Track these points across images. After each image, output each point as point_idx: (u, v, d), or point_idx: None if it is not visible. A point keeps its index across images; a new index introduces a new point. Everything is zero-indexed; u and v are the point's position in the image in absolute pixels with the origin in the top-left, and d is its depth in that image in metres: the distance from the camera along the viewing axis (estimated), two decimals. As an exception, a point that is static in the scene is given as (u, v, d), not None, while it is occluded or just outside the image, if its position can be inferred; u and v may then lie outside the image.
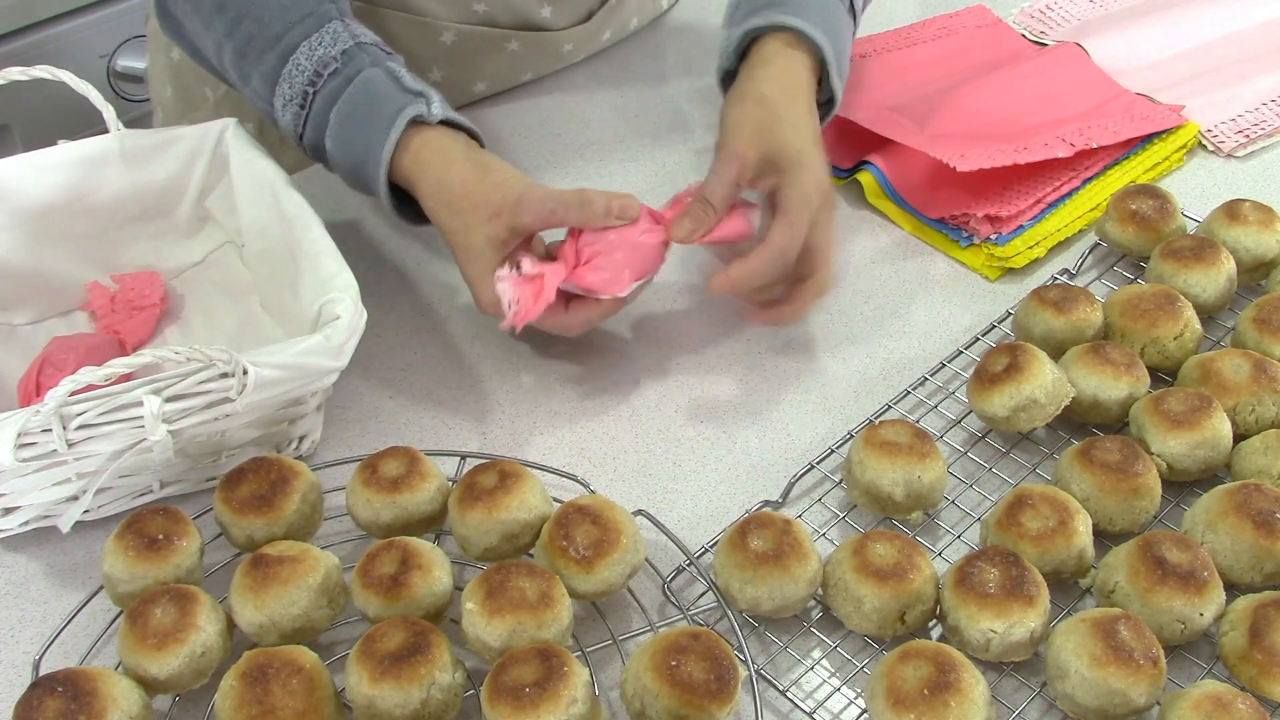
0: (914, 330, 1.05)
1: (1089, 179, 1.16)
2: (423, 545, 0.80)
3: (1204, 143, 1.22)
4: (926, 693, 0.72)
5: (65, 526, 0.84)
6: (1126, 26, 1.34)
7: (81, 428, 0.78)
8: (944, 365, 1.00)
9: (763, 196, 0.98)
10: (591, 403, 0.98)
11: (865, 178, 1.15)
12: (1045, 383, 0.90)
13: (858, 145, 1.17)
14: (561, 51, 1.28)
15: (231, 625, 0.79)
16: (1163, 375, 0.98)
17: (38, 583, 0.86)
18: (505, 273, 0.92)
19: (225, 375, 0.80)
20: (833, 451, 0.93)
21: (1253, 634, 0.76)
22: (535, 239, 0.96)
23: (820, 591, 0.82)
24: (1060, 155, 1.14)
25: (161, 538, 0.79)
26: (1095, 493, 0.85)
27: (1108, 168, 1.17)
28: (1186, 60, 1.31)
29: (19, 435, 0.76)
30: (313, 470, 0.86)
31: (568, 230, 0.94)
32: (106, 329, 1.00)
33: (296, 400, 0.88)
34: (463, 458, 0.91)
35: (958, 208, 1.11)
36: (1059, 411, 0.91)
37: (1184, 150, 1.21)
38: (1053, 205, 1.13)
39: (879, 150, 1.16)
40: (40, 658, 0.80)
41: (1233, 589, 0.82)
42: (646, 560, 0.84)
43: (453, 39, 1.19)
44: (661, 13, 1.39)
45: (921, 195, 1.13)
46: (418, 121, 0.94)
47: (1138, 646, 0.74)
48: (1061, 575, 0.82)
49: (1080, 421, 0.94)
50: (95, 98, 0.97)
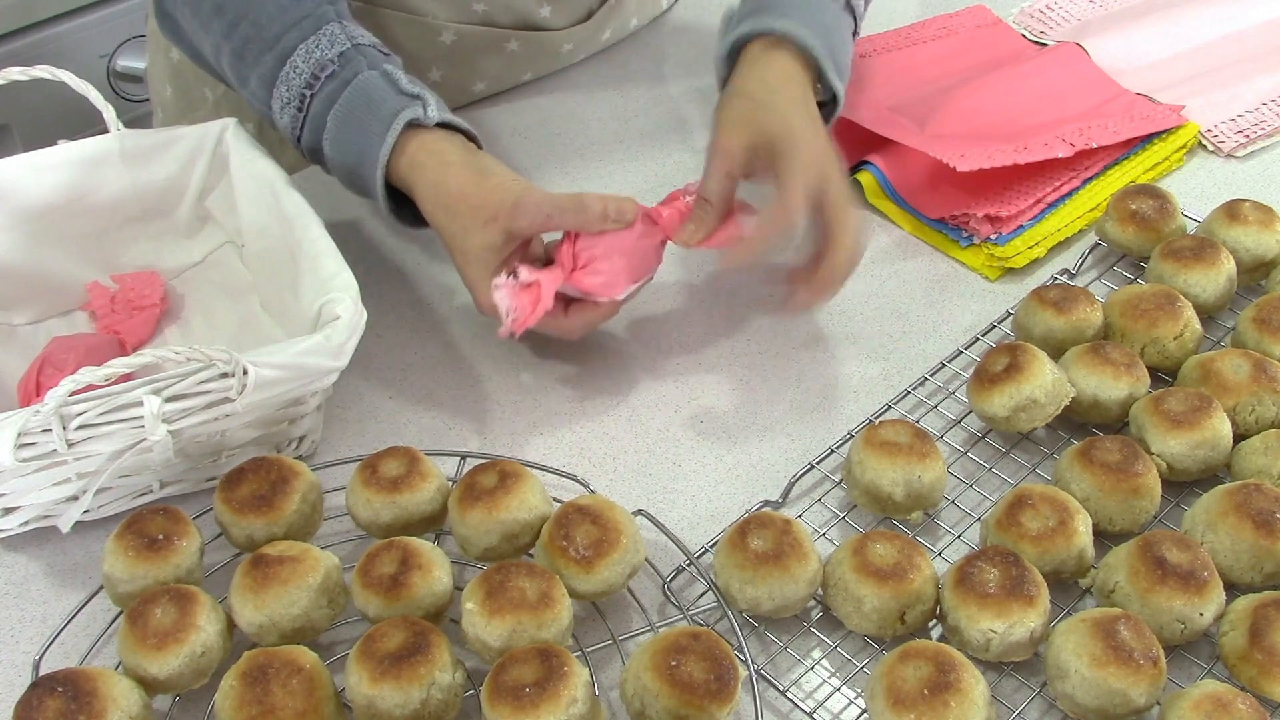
0: (914, 330, 1.04)
1: (1089, 179, 1.16)
2: (423, 545, 0.80)
3: (1204, 143, 1.22)
4: (926, 693, 0.72)
5: (65, 526, 0.84)
6: (1126, 26, 1.34)
7: (81, 428, 0.78)
8: (944, 365, 1.00)
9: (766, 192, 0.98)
10: (591, 403, 0.98)
11: (865, 178, 1.15)
12: (1045, 383, 0.90)
13: (858, 145, 1.17)
14: (561, 51, 1.28)
15: (231, 625, 0.79)
16: (1163, 375, 0.98)
17: (38, 583, 0.86)
18: (502, 280, 0.91)
19: (225, 375, 0.80)
20: (833, 451, 0.93)
21: (1253, 634, 0.76)
22: (534, 240, 0.96)
23: (820, 591, 0.82)
24: (1060, 155, 1.14)
25: (161, 538, 0.79)
26: (1095, 493, 0.85)
27: (1108, 168, 1.17)
28: (1186, 60, 1.31)
29: (19, 435, 0.76)
30: (313, 470, 0.86)
31: (564, 232, 0.94)
32: (106, 329, 1.00)
33: (296, 400, 0.88)
34: (463, 458, 0.91)
35: (958, 208, 1.11)
36: (1059, 411, 0.91)
37: (1184, 150, 1.21)
38: (1053, 205, 1.13)
39: (879, 150, 1.16)
40: (40, 658, 0.80)
41: (1233, 589, 0.82)
42: (646, 560, 0.84)
43: (452, 39, 1.19)
44: (661, 13, 1.39)
45: (921, 195, 1.13)
46: (414, 124, 0.94)
47: (1138, 646, 0.74)
48: (1061, 575, 0.82)
49: (1080, 421, 0.94)
50: (95, 98, 0.97)
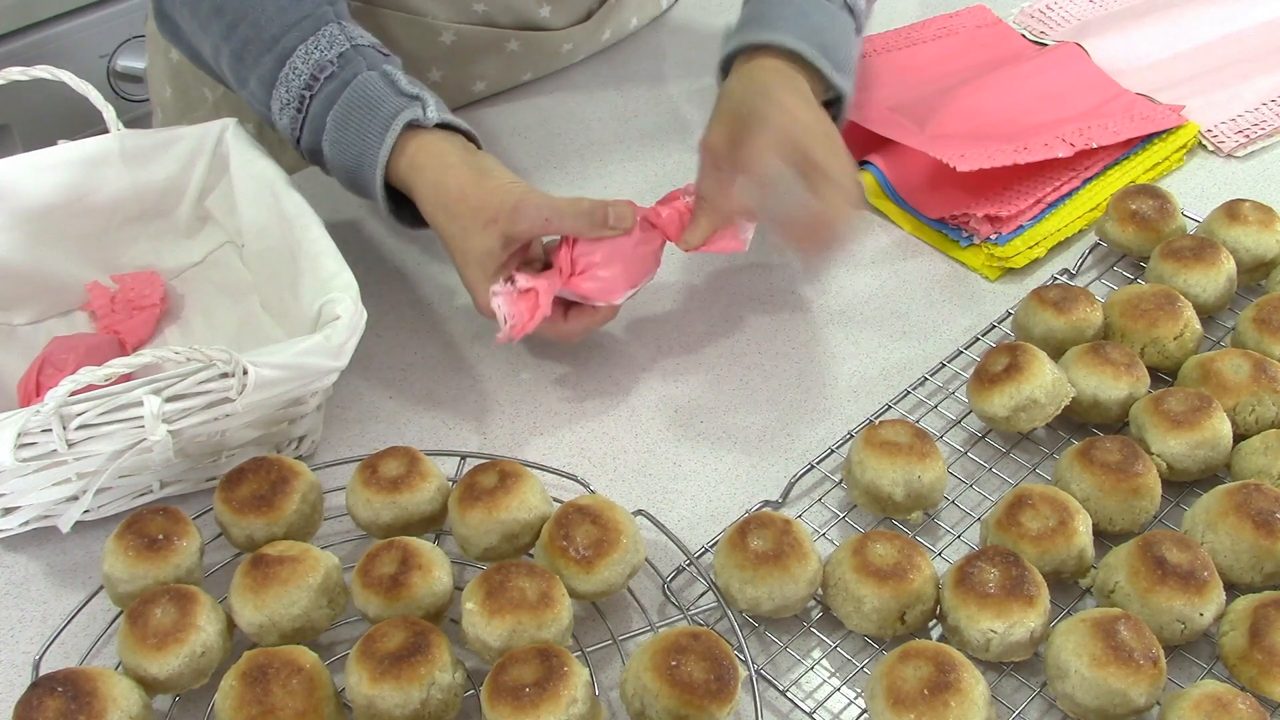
0: (914, 330, 1.04)
1: (1089, 179, 1.16)
2: (423, 545, 0.80)
3: (1204, 143, 1.22)
4: (926, 693, 0.72)
5: (65, 526, 0.84)
6: (1126, 26, 1.34)
7: (81, 428, 0.78)
8: (944, 365, 1.00)
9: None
10: (591, 403, 0.98)
11: (865, 178, 1.14)
12: (1045, 383, 0.90)
13: (858, 145, 1.16)
14: (561, 51, 1.28)
15: (231, 625, 0.79)
16: (1163, 375, 0.98)
17: (38, 583, 0.86)
18: (500, 287, 0.91)
19: (225, 375, 0.80)
20: (833, 451, 0.93)
21: (1253, 634, 0.76)
22: (534, 241, 0.96)
23: (820, 591, 0.82)
24: (1060, 155, 1.14)
25: (161, 538, 0.79)
26: (1095, 493, 0.85)
27: (1108, 168, 1.17)
28: (1186, 60, 1.31)
29: (19, 435, 0.76)
30: (313, 470, 0.86)
31: (562, 236, 0.94)
32: (106, 329, 1.00)
33: (296, 400, 0.88)
34: (463, 458, 0.91)
35: (958, 208, 1.11)
36: (1059, 411, 0.91)
37: (1184, 150, 1.21)
38: (1053, 205, 1.13)
39: (879, 150, 1.16)
40: (40, 658, 0.80)
41: (1233, 589, 0.82)
42: (646, 560, 0.84)
43: (452, 39, 1.19)
44: (661, 12, 1.39)
45: (921, 195, 1.13)
46: (414, 125, 0.94)
47: (1138, 646, 0.74)
48: (1061, 575, 0.82)
49: (1080, 421, 0.94)
50: (95, 98, 0.97)
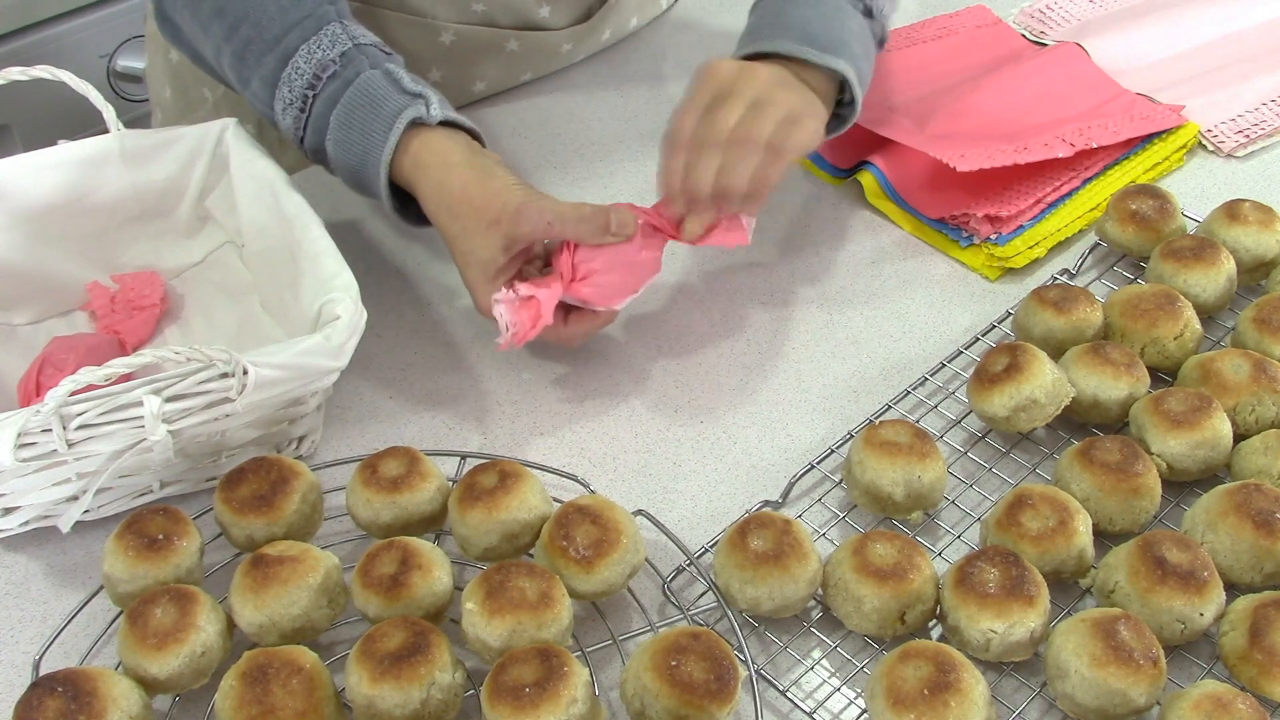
0: (914, 330, 1.04)
1: (1089, 179, 1.16)
2: (423, 545, 0.80)
3: (1204, 143, 1.22)
4: (926, 693, 0.72)
5: (65, 526, 0.84)
6: (1126, 26, 1.34)
7: (81, 428, 0.78)
8: (944, 365, 1.00)
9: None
10: (592, 402, 0.98)
11: (865, 178, 1.15)
12: (1045, 383, 0.90)
13: (858, 145, 1.17)
14: (560, 51, 1.28)
15: (231, 625, 0.79)
16: (1163, 375, 0.98)
17: (38, 583, 0.86)
18: (502, 295, 0.91)
19: (225, 375, 0.80)
20: (833, 451, 0.93)
21: (1253, 634, 0.76)
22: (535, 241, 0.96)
23: (820, 591, 0.82)
24: (1060, 155, 1.14)
25: (161, 538, 0.79)
26: (1095, 493, 0.85)
27: (1108, 168, 1.17)
28: (1186, 60, 1.31)
29: (19, 435, 0.76)
30: (313, 470, 0.86)
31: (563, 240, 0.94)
32: (106, 329, 1.00)
33: (296, 400, 0.88)
34: (463, 458, 0.91)
35: (958, 208, 1.11)
36: (1059, 411, 0.91)
37: (1184, 150, 1.21)
38: (1053, 205, 1.13)
39: (879, 150, 1.16)
40: (40, 658, 0.80)
41: (1233, 589, 0.82)
42: (646, 560, 0.84)
43: (452, 39, 1.19)
44: (661, 12, 1.39)
45: (921, 195, 1.13)
46: (417, 123, 0.94)
47: (1138, 646, 0.74)
48: (1061, 575, 0.82)
49: (1080, 421, 0.94)
50: (95, 98, 0.97)
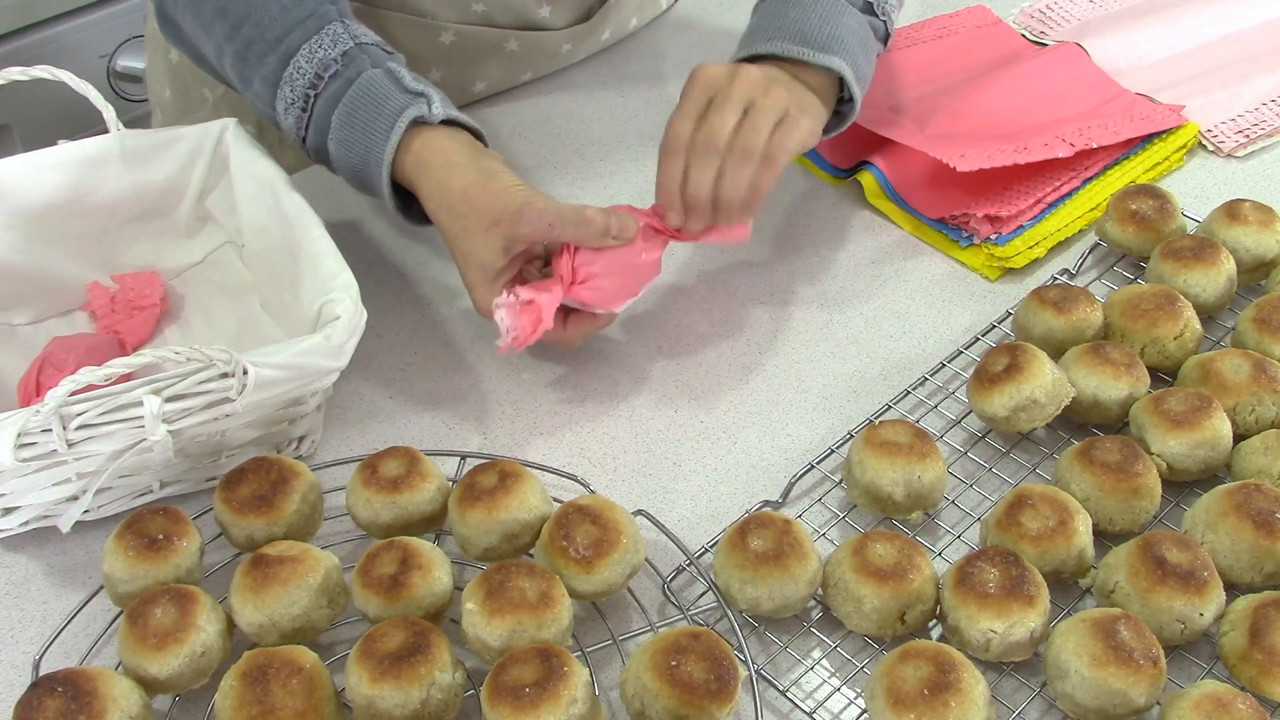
0: (914, 330, 1.04)
1: (1089, 179, 1.16)
2: (423, 545, 0.80)
3: (1204, 143, 1.22)
4: (926, 693, 0.72)
5: (65, 526, 0.84)
6: (1126, 26, 1.34)
7: (81, 428, 0.78)
8: (944, 365, 1.00)
9: None
10: (592, 402, 0.98)
11: (865, 178, 1.15)
12: (1045, 383, 0.90)
13: (858, 145, 1.17)
14: (561, 51, 1.28)
15: (231, 625, 0.79)
16: (1163, 375, 0.98)
17: (38, 583, 0.86)
18: (502, 300, 0.91)
19: (225, 375, 0.80)
20: (833, 451, 0.93)
21: (1253, 634, 0.76)
22: (536, 241, 0.96)
23: (820, 591, 0.82)
24: (1060, 155, 1.14)
25: (161, 538, 0.79)
26: (1095, 493, 0.85)
27: (1108, 168, 1.17)
28: (1186, 60, 1.31)
29: (19, 435, 0.76)
30: (313, 470, 0.86)
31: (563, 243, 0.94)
32: (106, 329, 1.00)
33: (296, 400, 0.88)
34: (463, 458, 0.91)
35: (958, 208, 1.11)
36: (1059, 411, 0.91)
37: (1184, 150, 1.21)
38: (1053, 205, 1.13)
39: (879, 150, 1.16)
40: (40, 658, 0.80)
41: (1233, 589, 0.82)
42: (646, 560, 0.84)
43: (452, 39, 1.19)
44: (661, 12, 1.39)
45: (921, 195, 1.13)
46: (419, 122, 0.94)
47: (1138, 646, 0.74)
48: (1061, 575, 0.82)
49: (1080, 421, 0.94)
50: (95, 98, 0.97)
